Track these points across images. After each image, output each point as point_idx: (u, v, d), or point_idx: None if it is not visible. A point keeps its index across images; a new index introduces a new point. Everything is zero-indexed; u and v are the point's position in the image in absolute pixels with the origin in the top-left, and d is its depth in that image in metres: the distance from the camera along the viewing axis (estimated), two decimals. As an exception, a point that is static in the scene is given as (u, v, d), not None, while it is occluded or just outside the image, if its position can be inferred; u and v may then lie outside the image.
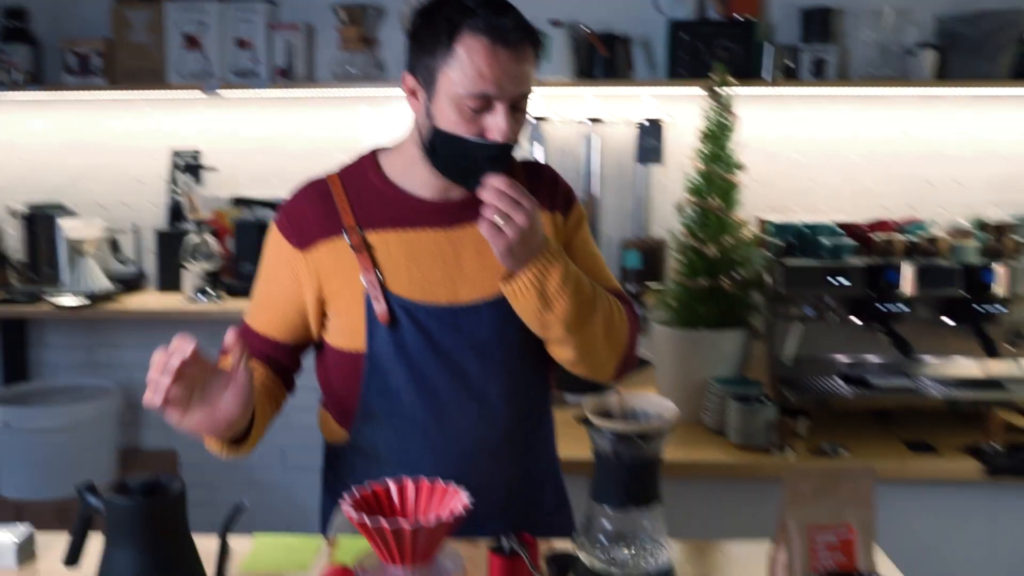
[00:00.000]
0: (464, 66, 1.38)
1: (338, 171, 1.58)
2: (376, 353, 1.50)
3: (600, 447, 1.35)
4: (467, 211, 1.51)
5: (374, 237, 1.51)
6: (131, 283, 3.22)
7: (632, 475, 1.32)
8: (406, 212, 1.52)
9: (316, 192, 1.55)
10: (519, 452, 1.59)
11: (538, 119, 3.03)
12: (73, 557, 1.26)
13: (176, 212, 3.21)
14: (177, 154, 3.24)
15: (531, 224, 1.38)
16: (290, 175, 3.21)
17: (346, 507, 1.08)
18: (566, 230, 1.62)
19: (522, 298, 1.44)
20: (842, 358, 2.77)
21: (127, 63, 3.07)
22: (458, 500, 1.11)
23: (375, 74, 3.10)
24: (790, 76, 2.96)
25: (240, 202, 3.14)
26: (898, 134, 3.14)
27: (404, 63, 1.50)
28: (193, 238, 3.00)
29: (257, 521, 1.79)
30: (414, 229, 1.52)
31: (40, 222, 3.12)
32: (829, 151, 3.15)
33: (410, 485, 1.16)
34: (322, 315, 1.55)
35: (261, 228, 3.11)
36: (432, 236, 1.52)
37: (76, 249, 3.03)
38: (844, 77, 3.04)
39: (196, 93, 3.05)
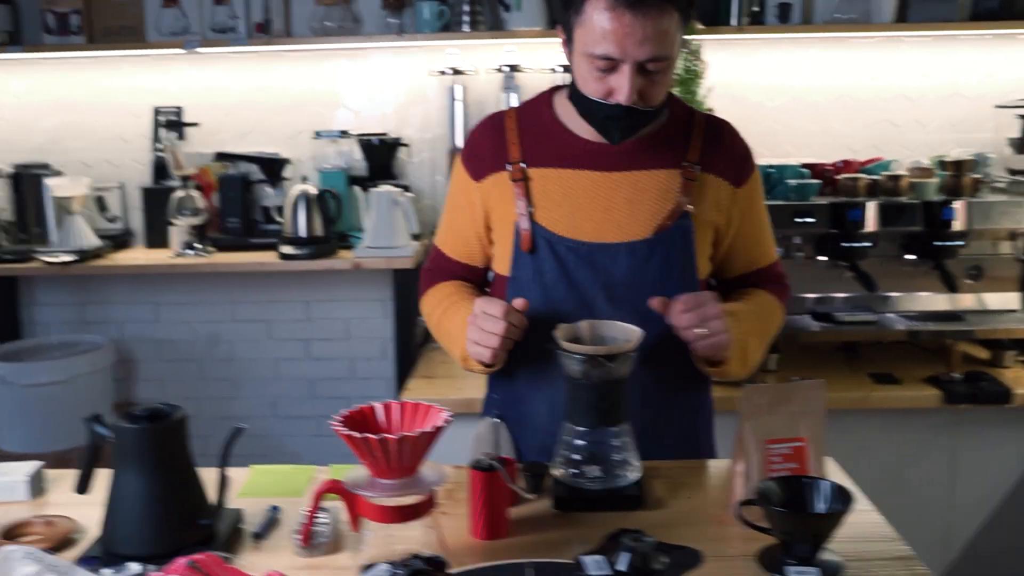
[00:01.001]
0: (590, 26, 1.43)
1: (519, 105, 1.70)
2: (517, 276, 1.62)
3: (571, 370, 1.45)
4: (626, 158, 1.60)
5: (535, 172, 1.61)
6: (119, 240, 3.28)
7: (601, 395, 1.43)
8: (569, 151, 1.61)
9: (492, 126, 1.68)
10: (643, 394, 1.60)
11: (511, 68, 3.09)
12: (83, 485, 1.35)
13: (161, 169, 3.26)
14: (159, 111, 3.29)
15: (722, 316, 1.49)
16: (271, 129, 3.30)
17: (336, 424, 1.18)
18: (738, 199, 1.65)
19: (734, 373, 1.61)
20: (810, 295, 2.87)
21: (106, 22, 3.10)
22: (439, 416, 1.21)
23: (351, 28, 3.15)
24: (756, 21, 3.03)
25: (223, 157, 3.20)
26: (862, 77, 3.22)
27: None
28: (179, 194, 3.07)
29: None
30: (573, 169, 1.60)
31: (26, 182, 3.17)
32: (796, 95, 3.23)
33: (395, 406, 1.26)
34: (490, 242, 1.70)
35: (245, 182, 3.18)
36: (590, 177, 1.60)
37: (63, 207, 3.09)
38: (808, 21, 3.10)
39: (176, 50, 3.10)
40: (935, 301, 2.86)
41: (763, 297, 1.69)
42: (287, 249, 3.01)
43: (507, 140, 1.64)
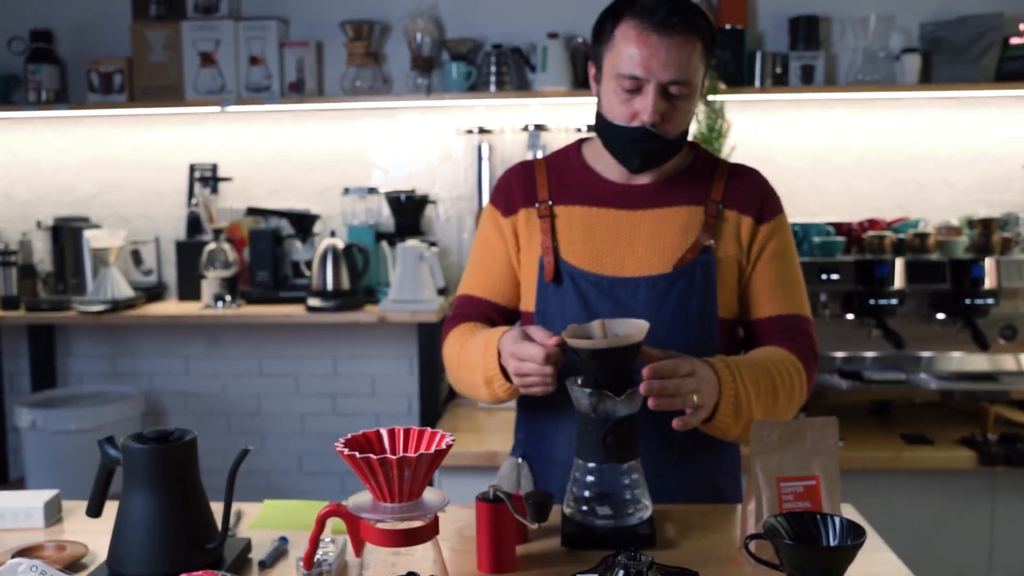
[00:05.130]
0: (618, 49, 1.53)
1: (547, 155, 1.78)
2: (541, 310, 1.66)
3: (580, 404, 1.44)
4: (649, 196, 1.65)
5: (560, 210, 1.67)
6: (152, 292, 3.35)
7: (610, 431, 1.42)
8: (594, 191, 1.67)
9: (523, 169, 1.75)
10: (663, 438, 1.58)
11: (537, 127, 3.15)
12: (96, 508, 1.36)
13: (195, 223, 3.34)
14: (195, 167, 3.38)
15: (695, 378, 1.42)
16: (301, 185, 3.37)
17: (339, 446, 1.19)
18: (759, 235, 1.65)
19: (727, 428, 1.51)
20: (837, 353, 2.84)
21: (147, 81, 3.22)
22: (444, 440, 1.21)
23: (381, 88, 3.23)
24: (779, 82, 3.07)
25: (254, 212, 3.27)
26: (888, 138, 3.23)
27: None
28: (210, 247, 3.13)
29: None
30: (597, 207, 1.66)
31: (66, 234, 3.25)
32: (821, 155, 3.25)
33: (400, 431, 1.26)
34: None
35: (275, 237, 3.24)
36: (612, 214, 1.65)
37: (100, 259, 3.17)
38: (831, 82, 3.14)
39: (212, 108, 3.20)
40: (968, 361, 2.82)
41: (776, 353, 1.60)
42: (314, 302, 3.05)
43: (536, 182, 1.71)
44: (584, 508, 1.46)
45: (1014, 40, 2.99)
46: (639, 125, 1.54)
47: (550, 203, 1.68)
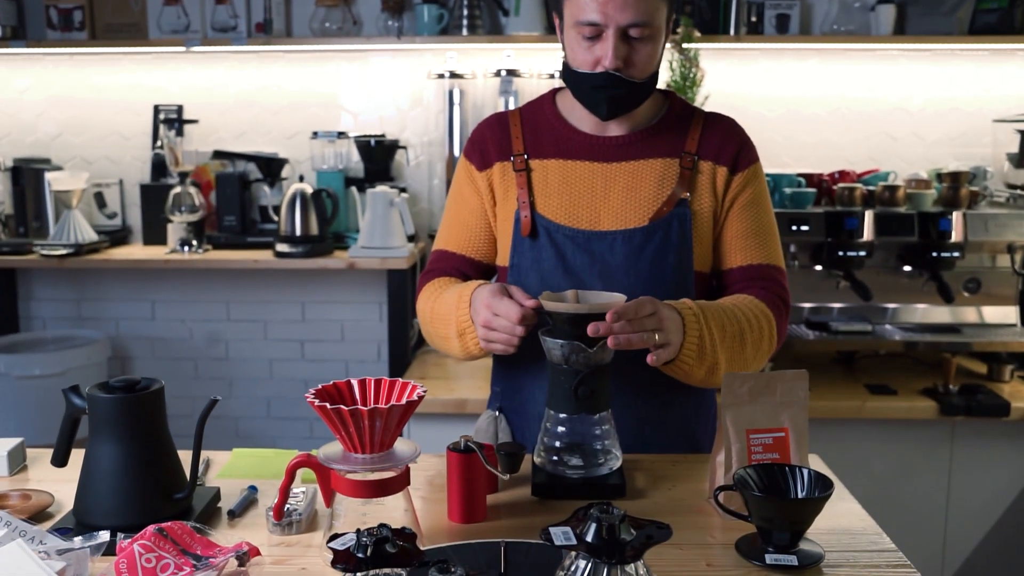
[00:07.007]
0: None
1: (521, 106, 1.74)
2: (516, 264, 1.64)
3: (552, 356, 1.44)
4: (624, 148, 1.63)
5: (536, 163, 1.66)
6: (117, 236, 3.29)
7: (582, 382, 1.42)
8: (568, 144, 1.65)
9: (497, 122, 1.72)
10: (639, 389, 1.61)
11: (509, 72, 3.10)
12: (61, 458, 1.34)
13: (160, 166, 3.27)
14: (159, 109, 3.30)
15: (655, 317, 1.40)
16: (269, 129, 3.31)
17: (310, 397, 1.18)
18: (733, 184, 1.63)
19: (690, 370, 1.49)
20: (805, 304, 2.86)
21: (108, 18, 3.13)
22: (415, 391, 1.21)
23: (351, 30, 3.16)
24: (754, 31, 3.04)
25: (221, 155, 3.21)
26: (861, 89, 3.22)
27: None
28: (176, 190, 3.07)
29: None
30: (573, 160, 1.64)
31: (27, 176, 3.17)
32: (794, 106, 3.23)
33: (371, 381, 1.25)
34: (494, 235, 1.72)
35: (242, 181, 3.18)
36: (588, 167, 1.63)
37: (62, 202, 3.10)
38: (806, 32, 3.12)
39: (177, 48, 3.12)
40: (932, 313, 2.86)
41: (746, 300, 1.59)
42: (282, 247, 3.01)
43: (511, 134, 1.68)
44: (555, 458, 1.46)
45: (988, -8, 2.98)
46: (602, 71, 1.52)
47: (525, 156, 1.66)
